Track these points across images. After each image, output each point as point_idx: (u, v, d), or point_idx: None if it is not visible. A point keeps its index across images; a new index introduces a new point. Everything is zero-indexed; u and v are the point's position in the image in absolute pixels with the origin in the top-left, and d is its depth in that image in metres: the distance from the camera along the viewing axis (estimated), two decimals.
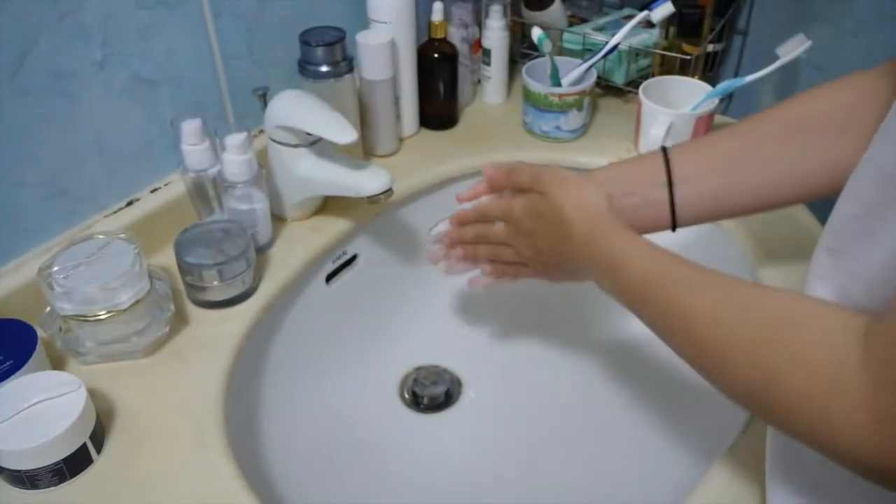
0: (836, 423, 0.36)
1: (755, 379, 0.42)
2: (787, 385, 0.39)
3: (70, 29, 0.65)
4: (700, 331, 0.46)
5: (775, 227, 0.79)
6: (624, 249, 0.56)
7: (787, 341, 0.41)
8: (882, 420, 0.34)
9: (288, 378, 0.77)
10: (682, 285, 0.50)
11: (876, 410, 0.34)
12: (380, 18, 0.85)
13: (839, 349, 0.37)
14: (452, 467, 0.79)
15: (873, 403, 0.35)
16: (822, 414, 0.37)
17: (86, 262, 0.63)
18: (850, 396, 0.36)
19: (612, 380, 0.84)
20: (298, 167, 0.75)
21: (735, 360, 0.43)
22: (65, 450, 0.55)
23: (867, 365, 0.35)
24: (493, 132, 0.97)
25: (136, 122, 0.73)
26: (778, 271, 0.75)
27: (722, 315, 0.45)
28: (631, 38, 0.95)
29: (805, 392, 0.38)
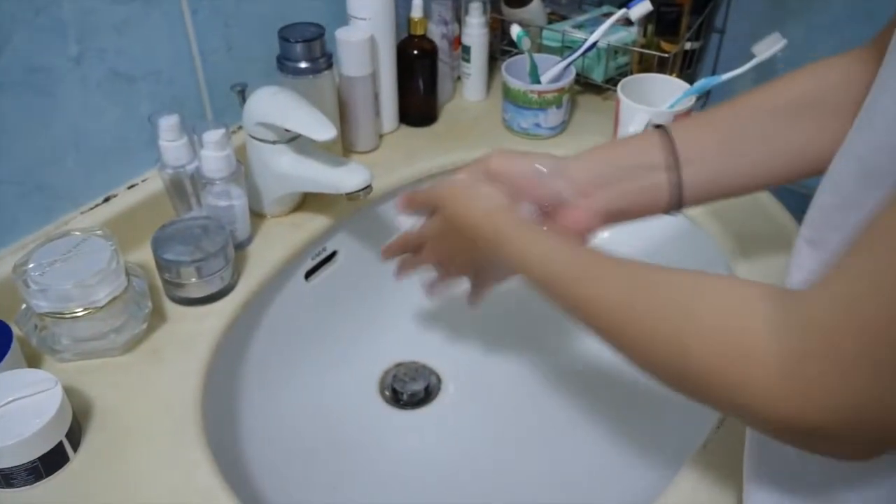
0: (750, 387, 0.37)
1: (671, 359, 0.42)
2: (698, 358, 0.40)
3: (45, 24, 0.64)
4: (612, 319, 0.47)
5: (748, 221, 0.80)
6: (525, 249, 0.56)
7: (694, 315, 0.41)
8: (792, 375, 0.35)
9: (267, 375, 0.77)
10: (586, 279, 0.50)
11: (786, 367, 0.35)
12: (359, 15, 0.85)
13: (741, 321, 0.38)
14: (432, 463, 0.79)
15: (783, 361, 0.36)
16: (734, 380, 0.38)
17: (62, 259, 0.62)
18: (759, 359, 0.37)
19: (591, 378, 0.85)
20: (277, 164, 0.75)
21: (649, 343, 0.44)
22: (40, 448, 0.55)
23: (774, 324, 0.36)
24: (472, 129, 0.97)
25: (113, 117, 0.73)
26: (752, 265, 0.76)
27: (627, 302, 0.46)
28: (609, 35, 0.95)
29: (714, 362, 0.39)
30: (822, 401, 0.35)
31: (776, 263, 0.76)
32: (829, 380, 0.34)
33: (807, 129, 0.58)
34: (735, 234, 0.80)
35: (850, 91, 0.56)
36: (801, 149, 0.59)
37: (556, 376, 0.86)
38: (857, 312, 0.33)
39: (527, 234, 0.57)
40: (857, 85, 0.55)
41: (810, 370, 0.35)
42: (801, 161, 0.59)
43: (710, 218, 0.82)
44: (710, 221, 0.82)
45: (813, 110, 0.58)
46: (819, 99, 0.58)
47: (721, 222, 0.81)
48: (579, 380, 0.85)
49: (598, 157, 0.64)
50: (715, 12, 1.05)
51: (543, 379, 0.86)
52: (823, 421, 0.35)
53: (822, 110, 0.58)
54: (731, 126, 0.61)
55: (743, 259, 0.77)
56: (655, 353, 0.44)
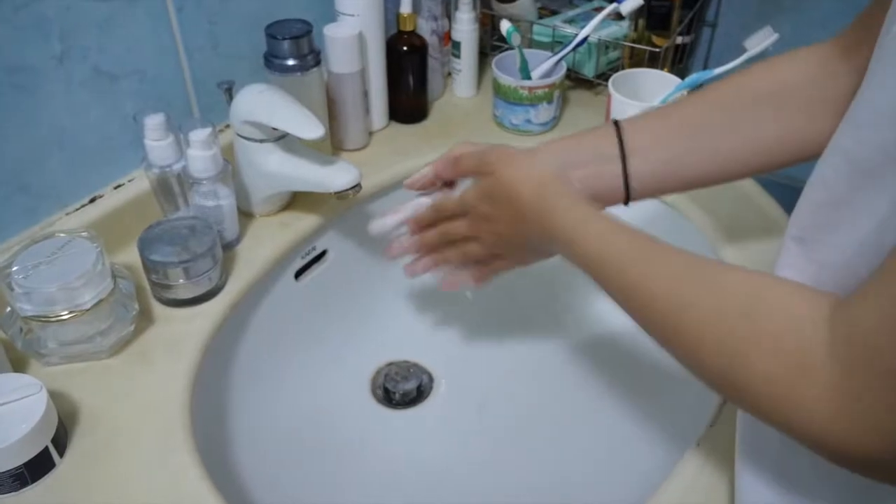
0: (804, 407, 0.36)
1: (721, 361, 0.41)
2: (754, 368, 0.39)
3: (26, 22, 0.63)
4: (662, 311, 0.45)
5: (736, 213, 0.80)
6: (578, 224, 0.54)
7: (754, 322, 0.40)
8: (848, 403, 0.34)
9: (257, 376, 0.77)
10: (641, 263, 0.48)
11: (842, 394, 0.34)
12: (347, 11, 0.84)
13: (806, 332, 0.37)
14: (426, 462, 0.79)
15: (840, 387, 0.35)
16: (788, 397, 0.37)
17: (46, 262, 0.61)
18: (817, 380, 0.36)
19: (584, 371, 0.85)
20: (265, 162, 0.74)
21: (699, 341, 0.42)
22: (26, 454, 0.54)
23: (833, 348, 0.35)
24: (463, 125, 0.96)
25: (97, 116, 0.71)
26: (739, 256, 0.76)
27: (684, 295, 0.44)
28: (600, 30, 0.95)
29: (771, 375, 0.38)
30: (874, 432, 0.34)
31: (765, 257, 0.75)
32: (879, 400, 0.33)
33: (771, 122, 0.57)
34: (724, 227, 0.79)
35: (825, 83, 0.55)
36: (765, 141, 0.58)
37: (548, 374, 0.86)
38: None
39: (581, 205, 0.55)
40: (829, 80, 0.55)
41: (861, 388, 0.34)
42: (766, 154, 0.58)
43: (698, 210, 0.81)
44: (698, 213, 0.81)
45: (779, 102, 0.57)
46: (787, 91, 0.57)
47: (709, 214, 0.81)
48: (572, 377, 0.84)
49: (552, 147, 0.62)
50: (706, 6, 1.04)
51: (536, 377, 0.86)
52: (879, 451, 0.34)
53: (789, 102, 0.57)
54: (689, 116, 0.60)
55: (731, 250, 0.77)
56: (706, 351, 0.42)
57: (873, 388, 0.33)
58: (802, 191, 0.45)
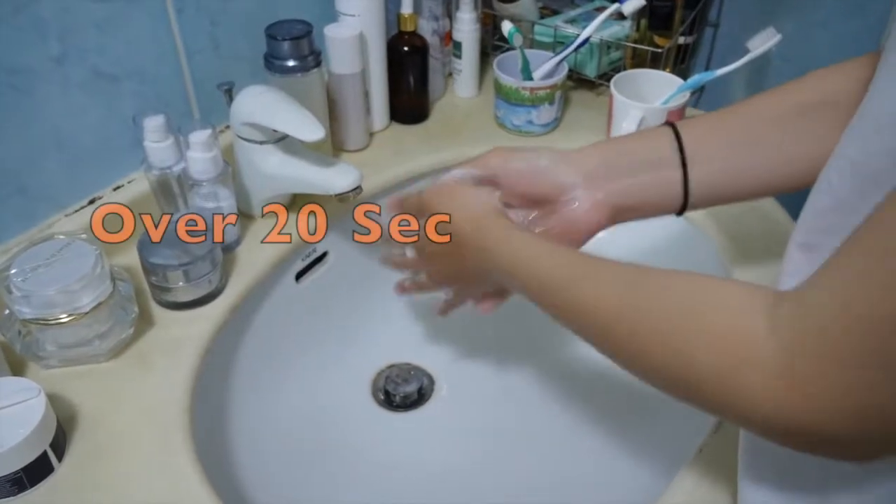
0: (750, 394, 0.36)
1: (669, 364, 0.41)
2: (698, 363, 0.39)
3: (25, 23, 0.63)
4: (606, 324, 0.46)
5: (748, 224, 0.79)
6: (514, 253, 0.54)
7: (693, 319, 0.40)
8: (792, 385, 0.35)
9: (257, 379, 0.76)
10: (581, 279, 0.48)
11: (785, 376, 0.35)
12: (348, 11, 0.84)
13: (745, 324, 0.38)
14: (426, 465, 0.78)
15: (782, 369, 0.35)
16: (734, 387, 0.37)
17: (45, 264, 0.61)
18: (760, 366, 0.36)
19: (587, 376, 0.84)
20: (265, 164, 0.74)
21: (646, 348, 0.43)
22: (24, 459, 0.53)
23: (776, 332, 0.36)
24: (464, 126, 0.96)
25: (96, 118, 0.71)
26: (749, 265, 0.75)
27: (627, 306, 0.44)
28: (602, 30, 0.94)
29: (714, 368, 0.38)
30: (821, 403, 0.34)
31: (773, 264, 0.75)
32: (826, 381, 0.33)
33: (819, 134, 0.56)
34: (732, 235, 0.79)
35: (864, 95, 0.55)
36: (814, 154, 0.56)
37: (550, 378, 0.85)
38: (852, 310, 0.33)
39: (516, 236, 0.56)
40: None
41: (807, 371, 0.34)
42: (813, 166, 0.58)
43: (706, 219, 0.81)
44: (706, 222, 0.81)
45: (826, 114, 0.56)
46: (832, 103, 0.56)
47: (718, 223, 0.80)
48: (574, 381, 0.84)
49: (605, 147, 0.62)
50: (708, 6, 1.04)
51: (537, 380, 0.85)
52: (823, 423, 0.34)
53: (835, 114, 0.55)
54: (742, 129, 0.59)
55: (740, 259, 0.76)
56: (652, 355, 0.43)
57: (816, 364, 0.34)
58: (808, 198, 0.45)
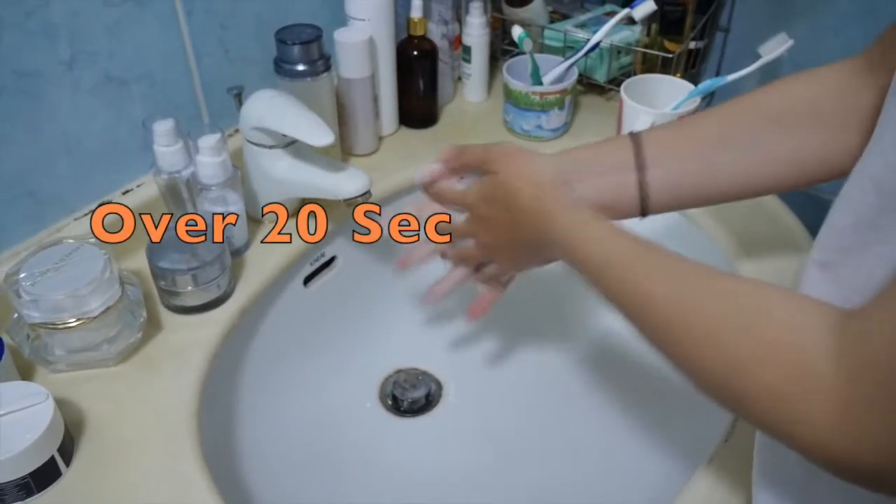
0: (806, 417, 0.35)
1: (721, 370, 0.40)
2: (755, 378, 0.38)
3: (36, 27, 0.63)
4: (662, 318, 0.44)
5: (756, 228, 0.79)
6: (578, 226, 0.53)
7: (756, 333, 0.39)
8: (851, 414, 0.34)
9: (265, 384, 0.76)
10: (642, 267, 0.47)
11: (845, 404, 0.34)
12: (358, 15, 0.84)
13: (809, 342, 0.36)
14: (434, 471, 0.78)
15: (843, 397, 0.34)
16: (790, 407, 0.36)
17: (54, 269, 0.61)
18: (819, 389, 0.35)
19: (594, 382, 0.84)
20: (274, 169, 0.74)
21: (700, 350, 0.42)
22: (32, 464, 0.53)
23: (839, 359, 0.35)
24: (473, 131, 0.96)
25: (105, 121, 0.71)
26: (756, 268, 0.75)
27: (686, 301, 0.43)
28: (612, 35, 0.94)
29: (773, 388, 0.37)
30: (877, 438, 0.33)
31: (781, 267, 0.74)
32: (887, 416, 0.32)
33: (788, 140, 0.57)
34: (738, 237, 0.78)
35: (844, 102, 0.54)
36: (783, 160, 0.57)
37: (558, 383, 0.85)
38: None
39: (582, 210, 0.54)
40: (852, 97, 0.54)
41: (868, 403, 0.33)
42: (786, 172, 0.58)
43: (712, 220, 0.80)
44: (713, 224, 0.80)
45: (789, 123, 0.56)
46: (795, 111, 0.56)
47: (724, 224, 0.80)
48: (582, 387, 0.84)
49: (575, 154, 0.61)
50: (719, 11, 1.03)
51: (545, 385, 0.85)
52: (875, 460, 0.33)
53: (806, 121, 0.56)
54: (712, 132, 0.59)
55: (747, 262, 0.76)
56: (704, 358, 0.41)
57: (878, 399, 0.33)
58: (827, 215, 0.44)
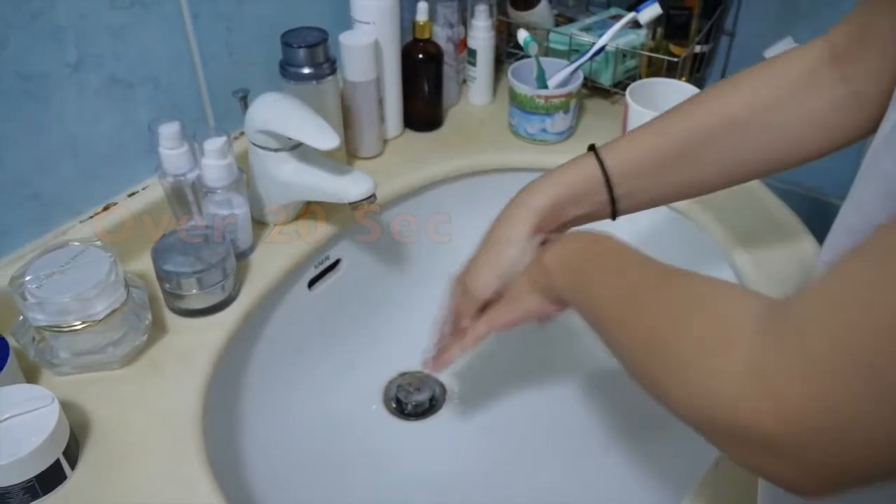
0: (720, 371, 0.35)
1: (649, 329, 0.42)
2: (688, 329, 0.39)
3: (42, 30, 0.63)
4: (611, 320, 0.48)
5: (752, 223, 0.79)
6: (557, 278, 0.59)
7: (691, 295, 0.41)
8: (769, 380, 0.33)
9: (269, 387, 0.76)
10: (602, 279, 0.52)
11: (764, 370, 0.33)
12: (363, 18, 0.84)
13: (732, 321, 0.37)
14: (437, 474, 0.78)
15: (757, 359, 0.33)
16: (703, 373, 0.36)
17: (59, 271, 0.61)
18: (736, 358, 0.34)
19: (599, 388, 0.84)
20: (280, 172, 0.74)
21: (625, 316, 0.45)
22: (37, 467, 0.53)
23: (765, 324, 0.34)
24: (478, 134, 0.96)
25: (111, 124, 0.71)
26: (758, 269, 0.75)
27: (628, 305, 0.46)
28: (618, 38, 0.94)
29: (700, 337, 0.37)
30: (782, 403, 0.32)
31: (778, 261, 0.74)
32: (802, 383, 0.31)
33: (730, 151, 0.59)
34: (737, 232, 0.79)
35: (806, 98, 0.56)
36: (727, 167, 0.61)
37: (561, 388, 0.85)
38: (841, 318, 0.31)
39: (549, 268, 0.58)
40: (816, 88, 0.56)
41: (777, 368, 0.32)
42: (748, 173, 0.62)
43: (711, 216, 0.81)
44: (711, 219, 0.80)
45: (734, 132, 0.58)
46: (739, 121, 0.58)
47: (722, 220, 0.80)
48: (587, 391, 0.84)
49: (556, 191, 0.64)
50: (724, 15, 1.03)
51: (549, 390, 0.85)
52: (777, 429, 0.32)
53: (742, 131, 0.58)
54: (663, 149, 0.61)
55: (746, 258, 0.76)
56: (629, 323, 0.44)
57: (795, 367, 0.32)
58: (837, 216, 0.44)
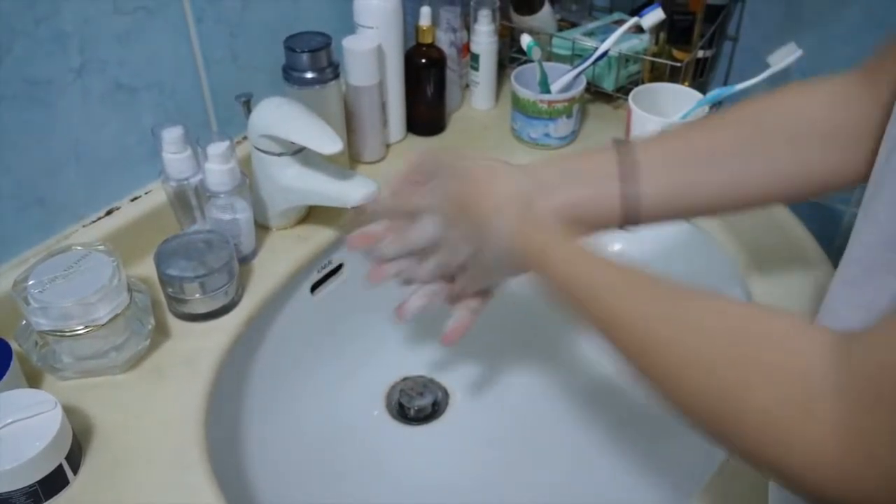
0: (805, 445, 0.33)
1: (712, 401, 0.37)
2: (751, 399, 0.35)
3: (46, 35, 0.63)
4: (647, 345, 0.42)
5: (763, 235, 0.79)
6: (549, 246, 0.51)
7: (747, 353, 0.37)
8: (856, 444, 0.31)
9: (272, 392, 0.76)
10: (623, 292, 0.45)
11: (850, 432, 0.31)
12: (366, 23, 0.84)
13: (808, 363, 0.34)
14: (440, 479, 0.78)
15: (847, 424, 0.31)
16: (788, 433, 0.33)
17: (62, 276, 0.61)
18: (820, 421, 0.32)
19: (602, 391, 0.83)
20: (283, 176, 0.74)
21: (689, 380, 0.39)
22: (40, 472, 0.53)
23: (839, 381, 0.32)
24: (481, 138, 0.96)
25: (115, 129, 0.71)
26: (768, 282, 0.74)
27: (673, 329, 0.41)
28: (621, 43, 0.94)
29: (770, 408, 0.34)
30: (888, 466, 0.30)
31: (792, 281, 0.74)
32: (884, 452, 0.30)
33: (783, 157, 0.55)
34: (749, 249, 0.78)
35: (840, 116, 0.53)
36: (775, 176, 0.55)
37: (566, 392, 0.84)
38: None
39: (551, 230, 0.53)
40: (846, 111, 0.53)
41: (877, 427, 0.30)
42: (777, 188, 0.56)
43: (724, 232, 0.80)
44: (724, 235, 0.80)
45: (791, 137, 0.55)
46: (800, 125, 0.55)
47: (735, 236, 0.79)
48: (591, 395, 0.83)
49: (554, 164, 0.59)
50: (728, 20, 1.03)
51: (553, 394, 0.85)
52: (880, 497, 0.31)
53: (802, 137, 0.54)
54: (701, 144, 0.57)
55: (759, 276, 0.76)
56: (689, 381, 0.39)
57: (884, 427, 0.30)
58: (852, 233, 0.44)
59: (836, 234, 1.06)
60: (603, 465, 0.77)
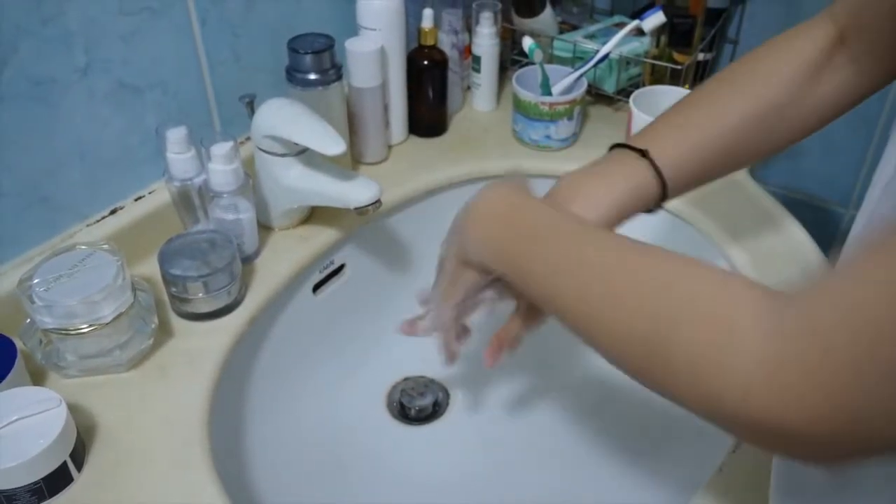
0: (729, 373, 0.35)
1: (642, 330, 0.40)
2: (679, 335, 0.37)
3: (52, 34, 0.63)
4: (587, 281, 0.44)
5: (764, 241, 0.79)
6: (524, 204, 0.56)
7: (680, 288, 0.39)
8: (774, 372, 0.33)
9: (274, 391, 0.76)
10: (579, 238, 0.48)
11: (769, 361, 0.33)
12: (369, 25, 0.84)
13: (737, 300, 0.36)
14: (441, 479, 0.78)
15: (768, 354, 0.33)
16: (714, 363, 0.35)
17: (67, 274, 0.61)
18: (745, 345, 0.34)
19: (602, 392, 0.84)
20: (286, 177, 0.74)
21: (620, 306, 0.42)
22: (44, 469, 0.54)
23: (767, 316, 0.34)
24: (482, 140, 0.96)
25: (119, 129, 0.72)
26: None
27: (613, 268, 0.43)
28: (622, 46, 0.94)
29: (698, 340, 0.36)
30: (806, 402, 0.32)
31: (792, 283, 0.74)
32: (816, 381, 0.32)
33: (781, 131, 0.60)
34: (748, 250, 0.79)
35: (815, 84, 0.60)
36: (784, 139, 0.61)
37: (565, 393, 0.85)
38: (860, 316, 0.31)
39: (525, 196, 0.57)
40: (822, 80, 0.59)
41: (798, 368, 0.32)
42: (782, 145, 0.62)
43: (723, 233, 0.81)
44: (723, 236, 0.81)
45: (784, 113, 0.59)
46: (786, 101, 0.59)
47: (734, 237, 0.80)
48: (590, 396, 0.84)
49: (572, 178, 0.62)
50: (728, 23, 1.04)
51: (553, 395, 0.85)
52: (801, 424, 0.33)
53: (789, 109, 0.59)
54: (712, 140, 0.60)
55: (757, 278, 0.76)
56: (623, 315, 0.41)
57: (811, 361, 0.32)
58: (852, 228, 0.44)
59: (834, 237, 1.06)
60: (603, 466, 0.77)
